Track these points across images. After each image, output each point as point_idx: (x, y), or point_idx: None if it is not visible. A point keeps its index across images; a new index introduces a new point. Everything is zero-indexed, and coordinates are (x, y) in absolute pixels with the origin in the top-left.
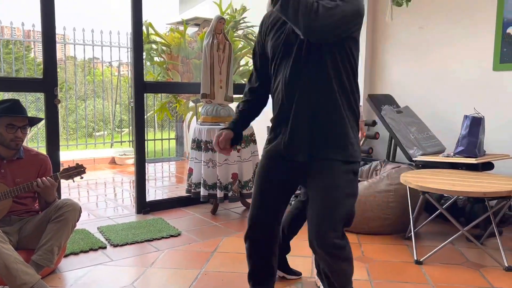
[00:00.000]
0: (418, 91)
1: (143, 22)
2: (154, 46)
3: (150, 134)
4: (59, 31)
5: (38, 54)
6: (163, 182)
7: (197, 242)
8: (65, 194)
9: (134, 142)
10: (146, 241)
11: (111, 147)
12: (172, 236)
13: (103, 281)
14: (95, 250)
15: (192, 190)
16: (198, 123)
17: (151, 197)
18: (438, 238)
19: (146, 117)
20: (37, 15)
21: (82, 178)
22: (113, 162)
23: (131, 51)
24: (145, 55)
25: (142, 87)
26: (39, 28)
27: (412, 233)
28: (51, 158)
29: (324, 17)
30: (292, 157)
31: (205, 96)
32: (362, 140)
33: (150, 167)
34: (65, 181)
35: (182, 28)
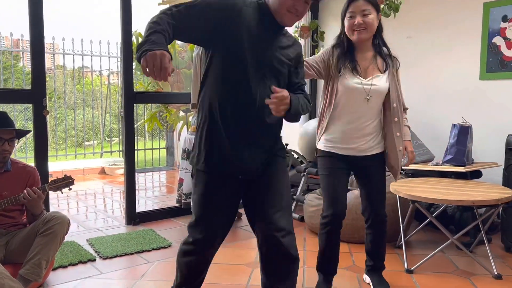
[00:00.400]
0: (407, 100)
1: (133, 32)
2: None
3: (140, 144)
4: (48, 40)
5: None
6: (154, 192)
7: None
8: (54, 206)
9: (123, 153)
10: (136, 253)
11: (101, 157)
12: (162, 247)
13: None
14: (84, 262)
15: (182, 201)
16: (189, 133)
17: (142, 207)
18: (429, 246)
19: (136, 126)
20: (25, 25)
21: (70, 189)
22: (103, 172)
23: (121, 61)
24: (135, 65)
25: (131, 98)
26: (28, 37)
27: (402, 241)
28: (40, 170)
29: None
30: None
31: (195, 106)
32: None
33: (140, 177)
34: (53, 192)
35: None
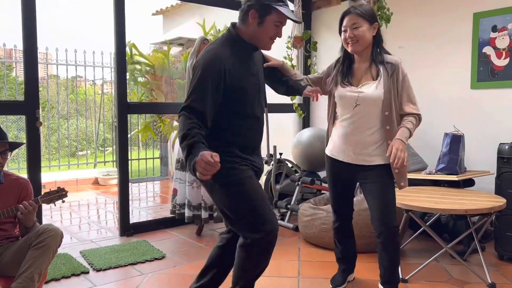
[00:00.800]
0: None
1: (127, 43)
2: (138, 66)
3: (134, 153)
4: (42, 50)
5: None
6: (147, 202)
7: (182, 264)
8: (47, 217)
9: (117, 163)
10: (130, 264)
11: (95, 168)
12: (156, 259)
13: None
14: (77, 275)
15: (176, 211)
16: None
17: (135, 218)
18: (423, 255)
19: (130, 135)
20: (19, 36)
21: (63, 201)
22: (96, 182)
23: (115, 72)
24: (128, 76)
25: (125, 108)
26: (21, 47)
27: None
28: (33, 181)
29: None
30: None
31: None
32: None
33: (134, 187)
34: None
35: (165, 48)
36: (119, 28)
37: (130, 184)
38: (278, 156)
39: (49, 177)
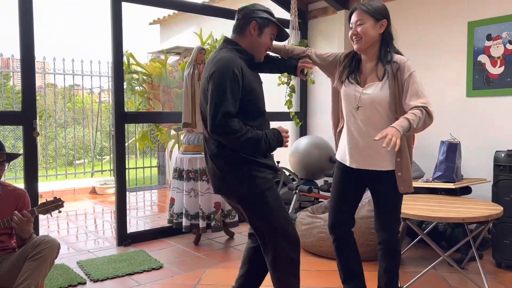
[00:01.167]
0: None
1: (124, 52)
2: (135, 76)
3: (132, 162)
4: (39, 59)
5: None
6: (145, 211)
7: (179, 274)
8: (44, 227)
9: (114, 172)
10: (127, 275)
11: (92, 177)
12: (153, 269)
13: None
14: (74, 286)
15: (174, 221)
16: (180, 152)
17: (133, 227)
18: (421, 263)
19: (127, 144)
20: (16, 45)
21: (60, 212)
22: (93, 192)
23: (112, 82)
24: (126, 85)
25: (122, 118)
26: (19, 56)
27: None
28: (29, 191)
29: None
30: None
31: (186, 125)
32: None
33: (132, 196)
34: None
35: (163, 57)
36: (116, 38)
37: (127, 193)
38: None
39: (46, 186)
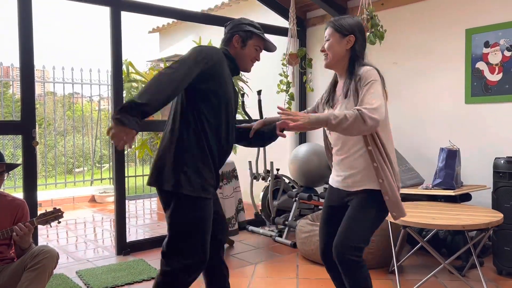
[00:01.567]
0: (395, 125)
1: (123, 61)
2: (134, 84)
3: (131, 170)
4: (39, 68)
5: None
6: (144, 220)
7: None
8: (43, 236)
9: (114, 180)
10: (126, 284)
11: (91, 185)
12: (153, 278)
13: None
14: None
15: None
16: None
17: (132, 236)
18: (422, 271)
19: (126, 152)
20: (16, 54)
21: (59, 222)
22: (93, 200)
23: (111, 90)
24: (125, 94)
25: None
26: (18, 65)
27: (395, 267)
28: (29, 201)
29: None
30: None
31: None
32: None
33: (131, 204)
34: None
35: (162, 65)
36: (116, 46)
37: (127, 201)
38: (275, 172)
39: (45, 195)
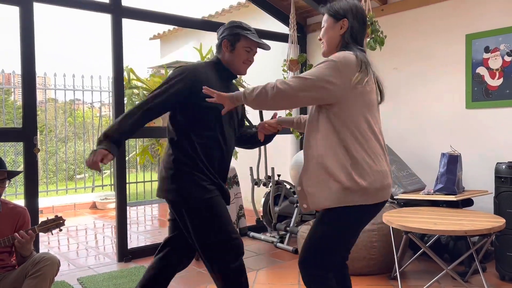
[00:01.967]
0: (396, 130)
1: (124, 67)
2: (135, 91)
3: (132, 176)
4: (40, 75)
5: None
6: (146, 226)
7: None
8: (44, 243)
9: (115, 187)
10: None
11: (92, 192)
12: None
13: None
14: None
15: None
16: None
17: (134, 243)
18: (424, 277)
19: (128, 158)
20: (17, 61)
21: (61, 230)
22: (94, 207)
23: (113, 97)
24: (126, 100)
25: None
26: (20, 72)
27: (397, 273)
28: (30, 208)
29: None
30: None
31: None
32: None
33: (132, 211)
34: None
35: (163, 72)
36: (117, 53)
37: (128, 207)
38: (276, 177)
39: (46, 202)
